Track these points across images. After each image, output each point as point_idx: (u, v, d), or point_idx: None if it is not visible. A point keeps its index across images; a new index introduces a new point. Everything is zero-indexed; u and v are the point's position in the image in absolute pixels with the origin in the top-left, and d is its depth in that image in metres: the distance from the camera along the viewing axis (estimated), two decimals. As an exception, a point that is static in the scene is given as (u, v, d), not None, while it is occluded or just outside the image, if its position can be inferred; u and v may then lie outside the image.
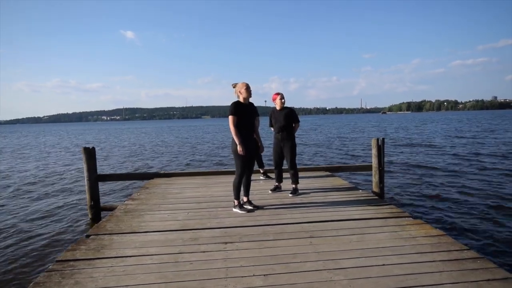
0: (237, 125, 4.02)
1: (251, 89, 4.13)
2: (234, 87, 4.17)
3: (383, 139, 6.01)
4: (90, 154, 6.00)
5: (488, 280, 2.34)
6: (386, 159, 6.72)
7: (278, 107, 5.06)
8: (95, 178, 6.06)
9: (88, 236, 3.38)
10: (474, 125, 37.37)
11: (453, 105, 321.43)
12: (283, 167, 5.29)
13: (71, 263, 2.77)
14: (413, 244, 2.99)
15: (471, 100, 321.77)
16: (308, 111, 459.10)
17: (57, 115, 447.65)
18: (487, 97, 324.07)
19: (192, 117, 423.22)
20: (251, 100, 4.24)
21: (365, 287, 2.31)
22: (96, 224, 3.82)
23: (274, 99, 5.09)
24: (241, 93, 4.08)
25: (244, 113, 4.07)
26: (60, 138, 39.20)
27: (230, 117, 4.01)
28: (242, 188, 4.26)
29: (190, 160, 15.15)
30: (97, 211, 6.11)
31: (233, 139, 4.11)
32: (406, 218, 3.72)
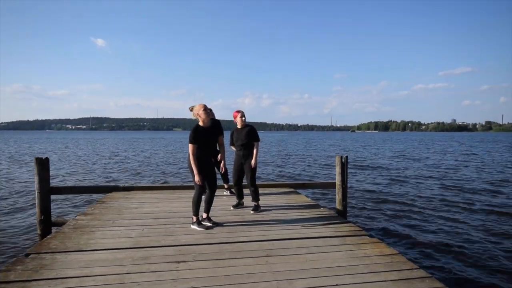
0: (197, 153, 3.93)
1: (208, 110, 4.04)
2: (191, 110, 4.08)
3: (347, 157, 6.14)
4: (42, 164, 5.62)
5: (435, 299, 2.38)
6: (350, 176, 6.89)
7: (239, 125, 5.03)
8: (47, 191, 5.67)
9: (27, 255, 3.11)
10: (455, 147, 39.40)
11: (417, 126, 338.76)
12: (243, 184, 5.23)
13: (3, 285, 2.52)
14: (367, 264, 3.00)
15: (433, 122, 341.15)
16: (280, 127, 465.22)
17: (17, 122, 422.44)
18: (447, 120, 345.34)
19: (163, 129, 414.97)
20: (226, 118, 4.18)
21: (316, 308, 2.26)
22: (39, 242, 3.54)
23: (235, 117, 5.04)
24: (199, 116, 3.99)
25: (205, 138, 4.00)
26: (15, 147, 36.84)
27: (190, 146, 3.92)
28: (203, 204, 4.14)
29: (155, 174, 14.70)
30: (47, 226, 5.68)
31: (189, 155, 4.02)
32: (363, 237, 3.76)
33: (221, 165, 4.45)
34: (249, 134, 4.90)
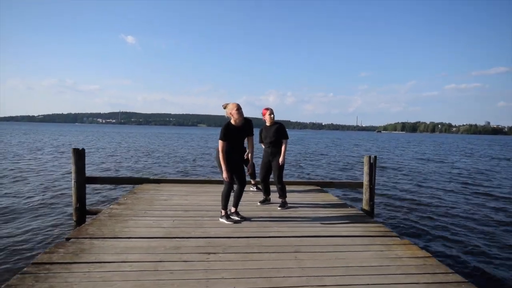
0: (227, 150, 3.99)
1: (242, 110, 4.08)
2: (224, 108, 4.13)
3: (375, 157, 6.03)
4: (79, 155, 5.91)
5: (472, 305, 2.30)
6: (378, 177, 6.72)
7: (268, 123, 5.05)
8: (83, 180, 5.96)
9: (68, 239, 3.29)
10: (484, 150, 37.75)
11: (447, 128, 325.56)
12: (270, 181, 5.24)
13: (47, 266, 2.68)
14: (399, 265, 2.95)
15: (464, 124, 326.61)
16: (303, 126, 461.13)
17: (52, 114, 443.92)
18: (480, 122, 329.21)
19: (188, 124, 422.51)
20: (250, 115, 4.22)
21: (347, 306, 2.25)
22: (77, 227, 3.73)
23: (263, 114, 5.07)
24: (232, 115, 4.03)
25: (235, 136, 4.06)
26: (53, 139, 38.79)
27: (220, 142, 3.98)
28: (232, 199, 4.21)
29: (183, 168, 15.03)
30: (82, 214, 5.98)
31: (217, 151, 4.09)
32: (393, 238, 3.68)
33: (249, 165, 4.50)
34: (278, 132, 4.91)
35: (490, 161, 21.66)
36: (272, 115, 5.02)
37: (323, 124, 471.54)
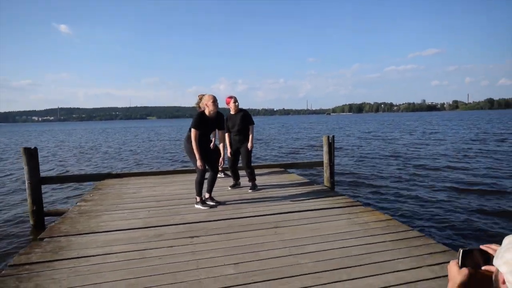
0: (198, 139, 4.07)
1: (217, 102, 4.19)
2: (200, 99, 4.22)
3: (333, 136, 6.43)
4: (31, 154, 5.52)
5: (430, 253, 2.69)
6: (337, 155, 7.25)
7: (232, 111, 5.14)
8: (37, 181, 5.60)
9: (41, 239, 3.16)
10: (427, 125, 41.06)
11: (389, 107, 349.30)
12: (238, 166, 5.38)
13: (27, 266, 2.59)
14: (366, 229, 3.30)
15: (404, 102, 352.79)
16: (256, 112, 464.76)
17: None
18: (417, 100, 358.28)
19: (136, 117, 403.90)
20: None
21: (329, 267, 2.51)
22: (49, 227, 3.58)
23: (227, 103, 5.14)
24: (207, 106, 4.11)
25: (206, 126, 4.18)
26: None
27: (192, 130, 4.05)
28: (205, 186, 4.29)
29: (136, 161, 14.55)
30: (40, 216, 5.64)
31: (186, 138, 4.21)
32: (359, 207, 4.07)
33: (221, 158, 4.62)
34: (244, 119, 5.03)
35: (424, 135, 23.96)
36: (236, 103, 5.12)
37: (274, 109, 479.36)
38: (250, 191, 5.00)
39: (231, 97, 5.13)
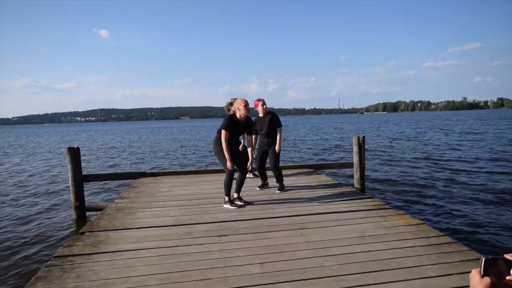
0: (228, 140, 4.19)
1: (249, 106, 4.31)
2: (231, 103, 4.35)
3: (364, 137, 6.30)
4: (74, 153, 5.93)
5: (462, 261, 2.60)
6: (368, 156, 7.08)
7: (261, 114, 5.20)
8: (80, 178, 6.00)
9: (82, 233, 3.42)
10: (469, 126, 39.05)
11: (426, 106, 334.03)
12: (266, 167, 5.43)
13: (70, 258, 2.82)
14: (395, 232, 3.24)
15: (442, 101, 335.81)
16: (287, 112, 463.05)
17: (27, 116, 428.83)
18: (458, 98, 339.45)
19: (170, 118, 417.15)
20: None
21: (354, 270, 2.51)
22: (89, 222, 3.85)
23: (256, 106, 5.21)
24: (239, 110, 4.24)
25: (236, 128, 4.29)
26: (27, 141, 37.73)
27: (223, 132, 4.17)
28: (234, 186, 4.41)
29: (173, 160, 15.07)
30: (82, 211, 6.06)
31: (215, 139, 4.34)
32: (388, 210, 3.98)
33: (249, 162, 4.73)
34: (272, 121, 5.09)
35: (461, 136, 22.61)
36: (264, 106, 5.18)
37: (306, 109, 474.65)
38: (278, 191, 5.05)
39: (259, 100, 5.21)
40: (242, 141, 5.10)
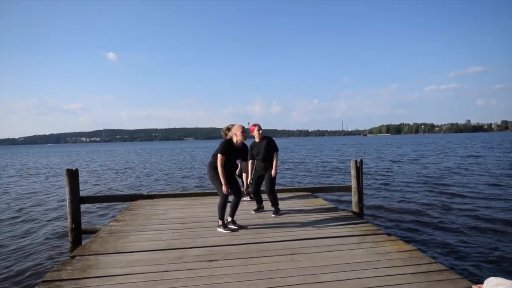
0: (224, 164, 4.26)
1: (246, 133, 4.44)
2: (228, 129, 4.50)
3: (361, 160, 6.32)
4: (73, 176, 5.98)
5: (453, 289, 2.56)
6: (367, 179, 7.03)
7: (257, 139, 5.26)
8: (77, 200, 6.02)
9: (73, 257, 3.41)
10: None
11: (430, 128, 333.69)
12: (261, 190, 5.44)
13: (57, 283, 2.81)
14: (387, 259, 3.20)
15: (446, 123, 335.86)
16: (290, 133, 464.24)
17: (33, 136, 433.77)
18: (461, 121, 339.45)
19: (174, 138, 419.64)
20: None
21: (342, 298, 2.47)
22: (80, 246, 3.85)
23: (251, 131, 5.27)
24: (236, 135, 4.36)
25: (232, 153, 4.38)
26: (39, 159, 37.98)
27: (219, 156, 4.24)
28: (228, 209, 4.41)
29: (172, 181, 15.07)
30: (78, 234, 6.03)
31: (210, 163, 4.40)
32: (381, 235, 3.95)
33: (245, 188, 4.86)
34: (268, 146, 5.13)
35: (462, 159, 22.42)
36: (260, 131, 5.24)
37: (309, 131, 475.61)
38: (273, 215, 5.03)
39: (255, 125, 5.28)
40: (239, 164, 5.14)
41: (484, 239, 5.80)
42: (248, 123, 5.57)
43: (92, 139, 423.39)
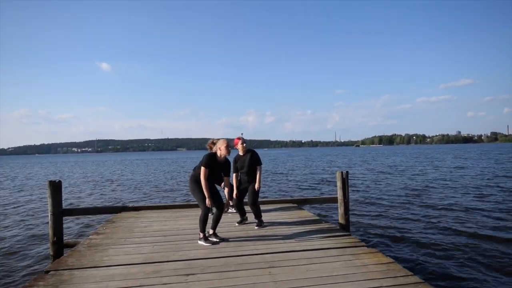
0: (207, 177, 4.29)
1: (230, 148, 4.47)
2: (213, 143, 4.57)
3: (347, 172, 6.35)
4: (55, 187, 5.89)
5: (426, 302, 2.56)
6: (354, 190, 7.06)
7: (241, 152, 5.27)
8: (59, 213, 5.92)
9: (47, 272, 3.34)
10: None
11: (421, 139, 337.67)
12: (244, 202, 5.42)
13: (27, 299, 2.74)
14: (364, 272, 3.20)
15: (437, 134, 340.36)
16: (284, 144, 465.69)
17: (23, 146, 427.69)
18: (452, 132, 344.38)
19: (167, 149, 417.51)
20: (232, 136, 4.60)
21: (316, 312, 2.45)
22: (56, 260, 3.77)
23: (235, 144, 5.28)
24: (220, 150, 4.42)
25: (216, 167, 4.43)
26: (23, 171, 37.35)
27: (203, 169, 4.27)
28: (210, 222, 4.39)
29: (160, 193, 14.91)
30: (60, 247, 5.90)
31: (191, 177, 4.42)
32: (361, 248, 3.95)
33: (226, 204, 4.78)
34: (251, 160, 5.14)
35: (450, 171, 22.61)
36: (244, 144, 5.25)
37: (302, 141, 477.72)
38: (256, 227, 5.01)
39: (239, 138, 5.29)
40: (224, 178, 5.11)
41: (464, 253, 5.82)
42: (242, 133, 5.57)
43: (83, 149, 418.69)
